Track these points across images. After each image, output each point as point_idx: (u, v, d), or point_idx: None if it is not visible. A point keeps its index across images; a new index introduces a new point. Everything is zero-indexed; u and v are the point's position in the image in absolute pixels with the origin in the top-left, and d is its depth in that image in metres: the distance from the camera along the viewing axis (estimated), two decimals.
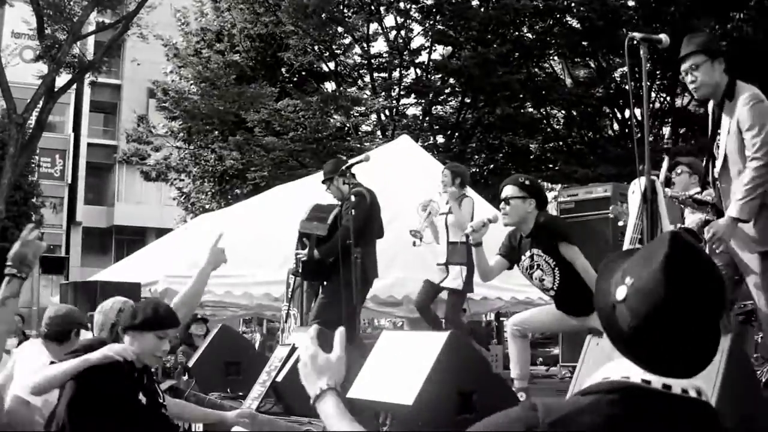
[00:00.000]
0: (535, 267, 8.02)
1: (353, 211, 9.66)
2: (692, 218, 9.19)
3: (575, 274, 7.79)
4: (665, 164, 9.50)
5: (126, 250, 44.26)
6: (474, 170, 34.95)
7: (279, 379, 7.20)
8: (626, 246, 7.75)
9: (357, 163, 9.80)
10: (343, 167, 9.87)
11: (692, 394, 2.36)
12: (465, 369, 5.33)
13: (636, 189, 7.02)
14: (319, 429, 5.96)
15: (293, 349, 7.16)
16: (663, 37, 6.27)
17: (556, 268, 7.91)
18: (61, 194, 66.47)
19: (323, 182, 10.76)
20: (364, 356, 5.96)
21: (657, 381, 2.34)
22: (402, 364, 5.51)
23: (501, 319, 25.25)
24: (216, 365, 9.53)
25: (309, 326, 9.37)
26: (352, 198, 9.84)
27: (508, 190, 8.11)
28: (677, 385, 2.34)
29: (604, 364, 3.98)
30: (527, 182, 8.30)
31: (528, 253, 8.08)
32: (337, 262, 9.51)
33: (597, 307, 2.51)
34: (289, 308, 10.82)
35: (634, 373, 2.36)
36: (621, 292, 2.38)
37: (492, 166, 36.06)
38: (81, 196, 67.30)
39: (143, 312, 5.97)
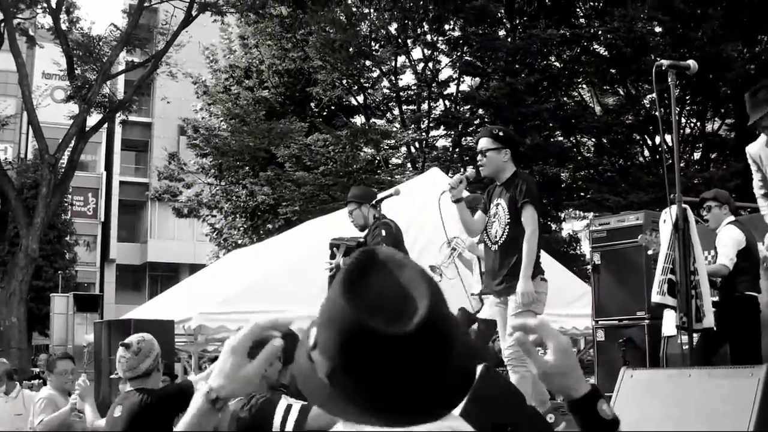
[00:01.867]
0: (496, 216, 8.09)
1: (381, 238, 9.62)
2: None
3: (518, 240, 7.84)
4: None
5: (160, 287, 44.48)
6: None
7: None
8: (658, 276, 7.68)
9: (387, 197, 9.75)
10: (374, 200, 9.84)
11: None
12: (499, 402, 5.27)
13: (667, 218, 6.98)
14: None
15: None
16: (691, 63, 6.28)
17: (507, 225, 7.93)
18: (95, 232, 66.84)
19: (349, 203, 10.69)
20: None
21: None
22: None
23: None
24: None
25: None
26: (381, 229, 9.80)
27: (483, 142, 8.24)
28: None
29: (640, 395, 3.95)
30: (501, 133, 8.42)
31: (495, 201, 8.15)
32: None
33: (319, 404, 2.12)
34: None
35: None
36: (322, 367, 1.99)
37: None
38: (114, 234, 67.61)
39: None
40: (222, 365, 2.31)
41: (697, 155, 34.87)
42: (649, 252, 10.93)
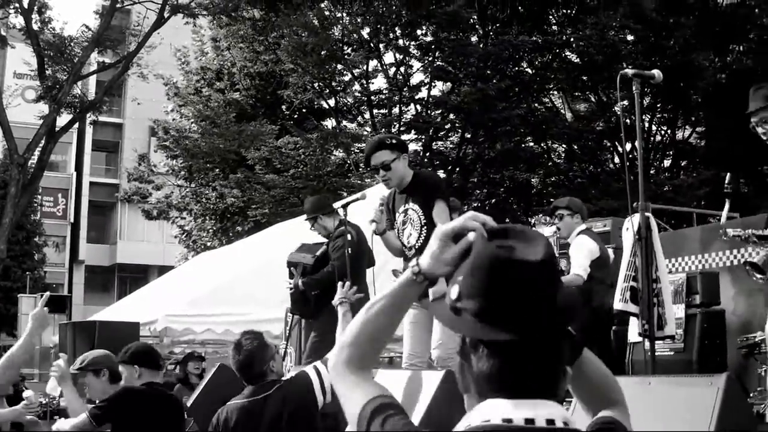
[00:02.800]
0: (407, 222, 7.91)
1: (343, 247, 9.55)
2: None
3: None
4: (727, 206, 9.50)
5: (129, 288, 44.34)
6: (475, 205, 34.91)
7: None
8: (620, 283, 7.63)
9: (353, 201, 9.69)
10: (340, 205, 9.79)
11: (559, 424, 2.34)
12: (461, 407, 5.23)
13: (630, 225, 6.93)
14: None
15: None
16: (656, 72, 6.27)
17: (424, 227, 7.76)
18: (64, 233, 66.66)
19: (307, 219, 10.66)
20: None
21: (518, 418, 2.32)
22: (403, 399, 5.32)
23: None
24: (215, 404, 9.42)
25: (303, 365, 9.30)
26: (341, 239, 9.75)
27: (382, 156, 7.99)
28: (541, 417, 2.33)
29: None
30: (393, 141, 8.27)
31: (402, 208, 7.98)
32: (327, 299, 9.41)
33: (445, 323, 2.55)
34: (287, 346, 10.77)
35: (493, 415, 2.34)
36: (453, 291, 2.48)
37: (493, 201, 35.96)
38: (83, 235, 67.48)
39: None
40: (431, 248, 2.68)
41: (667, 163, 34.99)
42: (563, 262, 11.03)
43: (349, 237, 9.47)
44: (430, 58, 34.41)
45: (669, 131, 34.72)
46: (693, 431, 3.69)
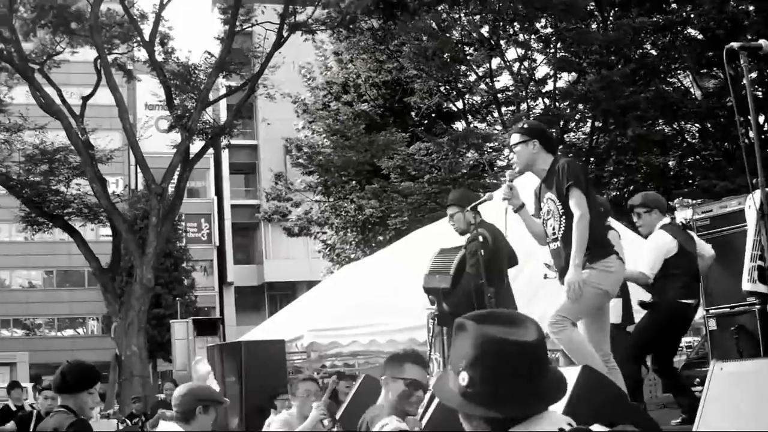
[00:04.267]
0: (549, 213, 7.74)
1: (481, 252, 9.45)
2: None
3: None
4: None
5: (279, 306, 44.73)
6: (614, 194, 34.52)
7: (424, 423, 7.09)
8: (747, 263, 7.48)
9: (481, 203, 9.64)
10: (468, 207, 9.71)
11: None
12: (602, 402, 5.15)
13: (752, 203, 6.75)
14: None
15: (432, 397, 7.05)
16: (763, 42, 6.12)
17: (563, 216, 7.59)
18: (211, 257, 67.79)
19: (449, 206, 10.46)
20: None
21: None
22: None
23: None
24: (361, 412, 9.49)
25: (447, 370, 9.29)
26: (477, 243, 9.63)
27: (512, 138, 7.98)
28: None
29: (730, 389, 3.89)
30: (526, 125, 8.22)
31: (544, 198, 7.82)
32: (471, 307, 9.34)
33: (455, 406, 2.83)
34: (431, 353, 10.76)
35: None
36: (463, 378, 2.74)
37: (632, 188, 35.43)
38: (230, 257, 68.47)
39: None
40: None
41: None
42: None
43: (481, 239, 9.44)
44: (552, 50, 34.10)
45: None
46: None
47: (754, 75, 31.66)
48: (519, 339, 2.61)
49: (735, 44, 6.07)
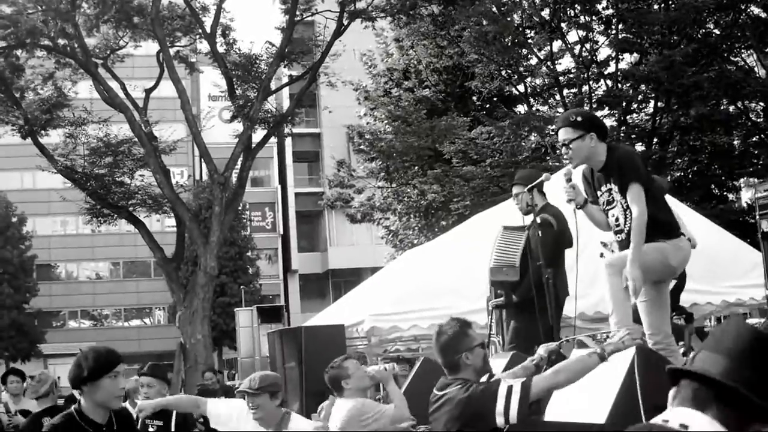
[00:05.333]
0: (614, 203, 7.53)
1: (539, 233, 9.38)
2: None
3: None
4: None
5: (343, 292, 44.88)
6: (678, 174, 34.28)
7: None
8: None
9: (538, 183, 9.59)
10: (526, 189, 9.67)
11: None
12: (660, 382, 4.99)
13: None
14: None
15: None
16: None
17: (628, 209, 7.37)
18: (275, 245, 68.27)
19: (515, 185, 10.43)
20: None
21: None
22: (593, 382, 5.20)
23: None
24: (423, 397, 9.43)
25: (507, 350, 9.24)
26: (541, 226, 9.55)
27: (563, 134, 7.67)
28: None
29: None
30: (579, 118, 7.82)
31: (605, 188, 7.62)
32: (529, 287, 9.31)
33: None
34: (490, 336, 10.70)
35: (691, 422, 2.56)
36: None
37: (695, 168, 35.22)
38: (294, 245, 68.87)
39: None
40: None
41: None
42: (764, 223, 10.60)
43: (539, 220, 9.40)
44: (614, 32, 33.85)
45: None
46: None
47: None
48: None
49: None
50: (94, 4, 31.09)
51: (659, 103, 34.06)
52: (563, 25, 34.61)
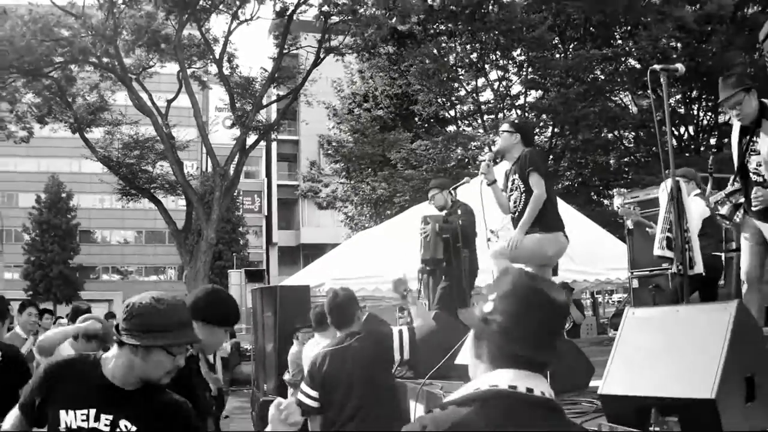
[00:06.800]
0: (513, 189, 7.48)
1: (461, 220, 9.40)
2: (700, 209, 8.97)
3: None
4: (710, 184, 9.18)
5: (311, 261, 44.79)
6: (567, 184, 34.59)
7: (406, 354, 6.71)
8: (658, 234, 7.36)
9: (461, 185, 9.67)
10: (451, 188, 9.73)
11: (548, 395, 2.32)
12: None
13: (664, 187, 6.66)
14: (437, 389, 5.74)
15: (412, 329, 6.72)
16: (679, 66, 6.00)
17: (524, 194, 7.33)
18: (260, 223, 68.22)
19: (432, 188, 10.45)
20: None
21: (521, 385, 2.28)
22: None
23: (596, 296, 25.08)
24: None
25: (432, 310, 9.24)
26: (459, 208, 9.59)
27: (502, 126, 7.78)
28: (537, 389, 2.29)
29: (639, 329, 3.80)
30: (516, 121, 8.08)
31: (511, 178, 7.58)
32: (451, 261, 9.32)
33: (472, 327, 2.46)
34: (419, 296, 10.71)
35: (501, 381, 2.29)
36: (488, 306, 2.37)
37: (580, 179, 35.58)
38: (275, 224, 68.95)
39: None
40: None
41: (713, 141, 34.25)
42: (628, 222, 10.69)
43: (459, 212, 9.47)
44: (524, 73, 34.03)
45: (713, 116, 33.93)
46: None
47: (678, 96, 31.71)
48: (551, 295, 2.34)
49: (657, 66, 5.96)
50: (132, 32, 30.91)
51: (555, 129, 34.32)
52: (486, 66, 34.70)
